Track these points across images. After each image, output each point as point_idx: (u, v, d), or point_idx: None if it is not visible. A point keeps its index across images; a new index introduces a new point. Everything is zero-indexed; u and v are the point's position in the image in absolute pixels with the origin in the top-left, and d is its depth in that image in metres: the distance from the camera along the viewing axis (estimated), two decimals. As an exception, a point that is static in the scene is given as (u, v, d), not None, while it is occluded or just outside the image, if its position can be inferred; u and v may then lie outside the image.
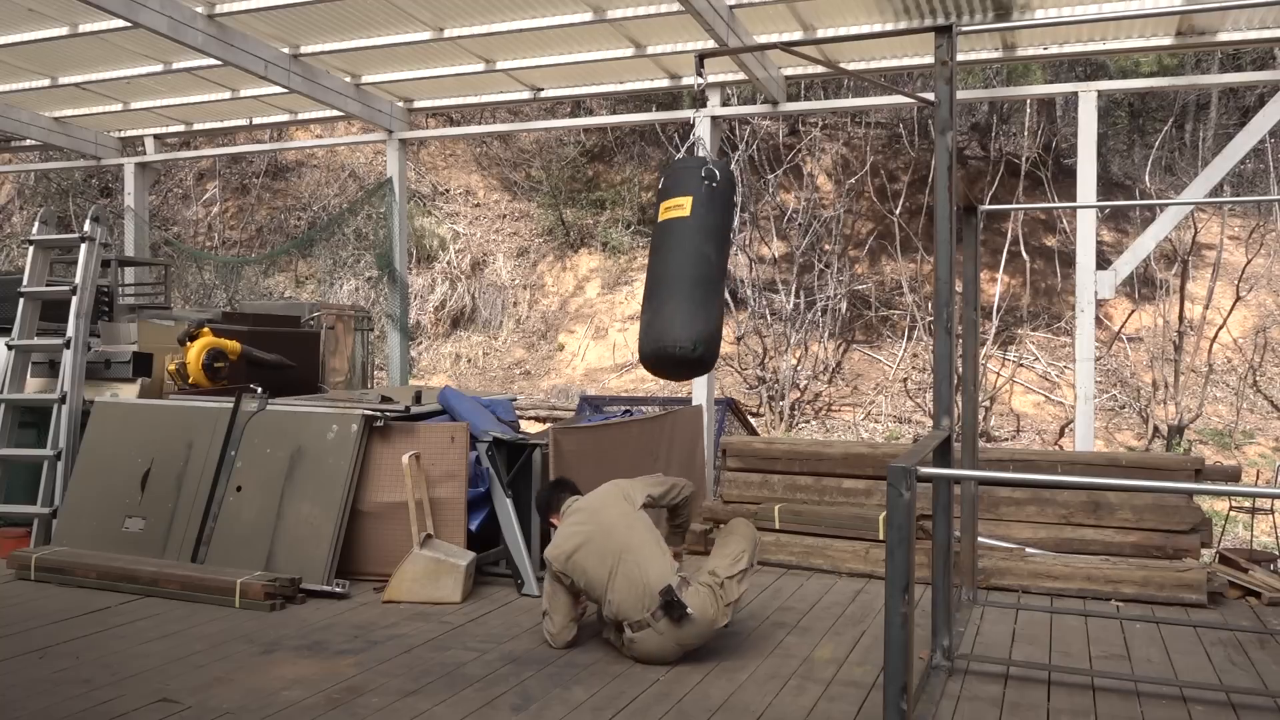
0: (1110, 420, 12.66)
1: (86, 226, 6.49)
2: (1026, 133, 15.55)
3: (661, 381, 14.21)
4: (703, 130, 7.65)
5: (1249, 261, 13.87)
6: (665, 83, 8.34)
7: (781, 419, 13.21)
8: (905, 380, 13.61)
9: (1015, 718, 3.62)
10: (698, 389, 7.76)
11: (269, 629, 4.61)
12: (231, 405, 5.72)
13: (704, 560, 4.45)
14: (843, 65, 7.71)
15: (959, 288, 4.45)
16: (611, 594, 4.15)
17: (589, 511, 4.38)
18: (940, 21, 6.50)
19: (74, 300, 6.36)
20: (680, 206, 4.12)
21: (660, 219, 4.18)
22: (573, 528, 4.34)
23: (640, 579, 4.11)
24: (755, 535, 4.53)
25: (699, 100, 4.60)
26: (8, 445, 6.39)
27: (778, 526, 6.00)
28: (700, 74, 4.48)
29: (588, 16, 7.06)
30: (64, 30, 7.46)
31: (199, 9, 6.94)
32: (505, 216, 17.60)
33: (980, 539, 5.39)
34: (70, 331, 6.32)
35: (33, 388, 6.63)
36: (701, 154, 4.65)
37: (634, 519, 4.31)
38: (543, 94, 8.76)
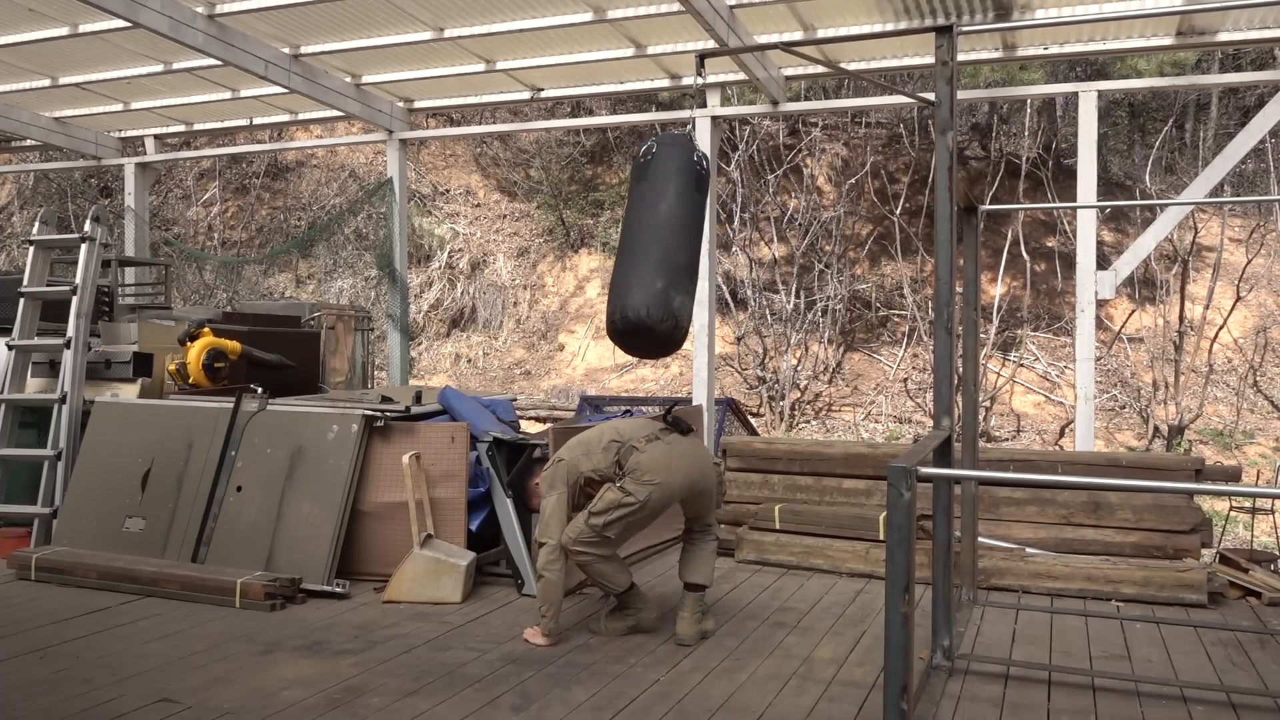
0: (1110, 420, 12.66)
1: (87, 226, 6.49)
2: (1027, 133, 15.54)
3: (662, 381, 14.22)
4: (702, 130, 7.64)
5: (1249, 262, 13.87)
6: (665, 83, 8.34)
7: (782, 419, 13.22)
8: (905, 380, 13.62)
9: (1015, 718, 3.62)
10: (698, 389, 7.76)
11: (269, 629, 4.61)
12: (231, 405, 5.72)
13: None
14: (843, 65, 7.72)
15: (959, 288, 4.45)
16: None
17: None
18: (940, 21, 6.50)
19: (74, 300, 6.36)
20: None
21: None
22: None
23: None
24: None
25: (697, 102, 4.63)
26: (8, 445, 6.39)
27: (778, 526, 6.00)
28: (700, 74, 4.48)
29: (588, 16, 7.06)
30: (64, 30, 7.47)
31: (199, 9, 6.94)
32: (505, 217, 17.61)
33: (980, 539, 5.39)
34: (70, 331, 6.32)
35: (33, 388, 6.63)
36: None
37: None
38: (543, 94, 8.76)
